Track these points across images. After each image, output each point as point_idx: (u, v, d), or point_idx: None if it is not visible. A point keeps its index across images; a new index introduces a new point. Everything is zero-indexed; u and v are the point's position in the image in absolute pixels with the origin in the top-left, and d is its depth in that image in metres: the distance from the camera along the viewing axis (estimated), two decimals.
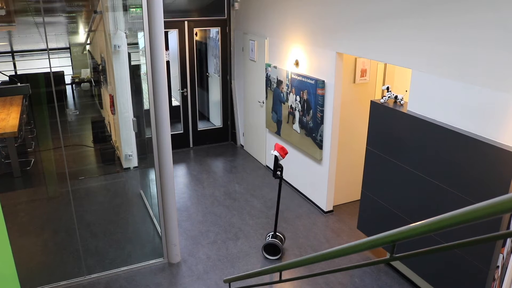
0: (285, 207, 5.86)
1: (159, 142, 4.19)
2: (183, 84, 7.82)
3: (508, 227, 3.01)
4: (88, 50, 8.99)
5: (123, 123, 6.46)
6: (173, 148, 7.11)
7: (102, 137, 7.61)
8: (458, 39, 3.39)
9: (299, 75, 5.68)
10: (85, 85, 8.83)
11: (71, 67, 8.66)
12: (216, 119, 8.73)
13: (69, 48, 8.65)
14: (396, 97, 4.25)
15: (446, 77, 3.56)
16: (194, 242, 5.06)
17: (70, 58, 8.64)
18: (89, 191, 6.30)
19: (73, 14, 7.89)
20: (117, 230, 5.29)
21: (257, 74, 7.04)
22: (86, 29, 8.59)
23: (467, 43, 3.32)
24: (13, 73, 8.18)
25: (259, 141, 7.37)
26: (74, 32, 8.74)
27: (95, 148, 7.44)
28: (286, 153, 4.49)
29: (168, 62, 7.92)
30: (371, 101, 4.38)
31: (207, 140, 8.32)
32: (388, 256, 1.34)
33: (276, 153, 4.43)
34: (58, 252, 4.81)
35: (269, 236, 4.78)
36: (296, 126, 5.95)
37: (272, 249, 4.69)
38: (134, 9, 5.52)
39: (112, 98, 6.70)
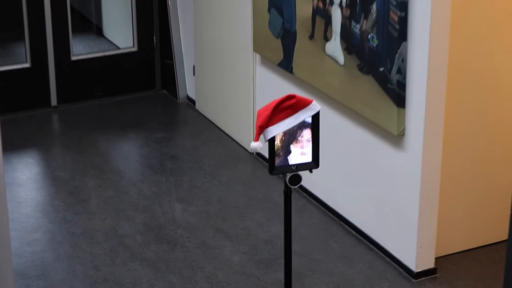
0: (313, 261, 4.83)
1: None
2: None
3: None
4: None
5: None
6: (8, 108, 6.35)
7: None
8: None
9: None
10: None
11: None
12: (121, 34, 7.24)
13: None
14: None
15: None
16: None
17: None
18: None
19: None
20: None
21: None
22: None
23: None
24: None
25: (237, 87, 6.15)
26: None
27: None
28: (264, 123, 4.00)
29: None
30: None
31: (97, 86, 6.87)
32: None
33: (255, 145, 3.99)
34: None
35: None
36: (336, 45, 4.97)
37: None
38: None
39: None
